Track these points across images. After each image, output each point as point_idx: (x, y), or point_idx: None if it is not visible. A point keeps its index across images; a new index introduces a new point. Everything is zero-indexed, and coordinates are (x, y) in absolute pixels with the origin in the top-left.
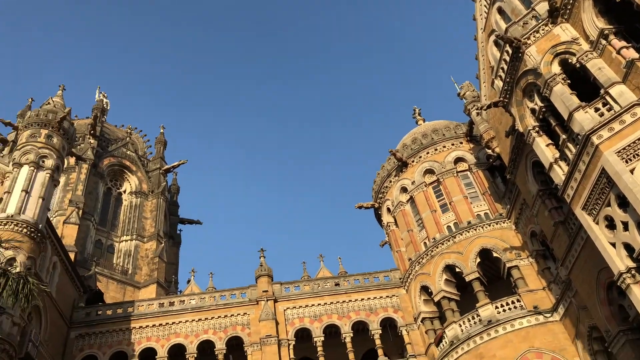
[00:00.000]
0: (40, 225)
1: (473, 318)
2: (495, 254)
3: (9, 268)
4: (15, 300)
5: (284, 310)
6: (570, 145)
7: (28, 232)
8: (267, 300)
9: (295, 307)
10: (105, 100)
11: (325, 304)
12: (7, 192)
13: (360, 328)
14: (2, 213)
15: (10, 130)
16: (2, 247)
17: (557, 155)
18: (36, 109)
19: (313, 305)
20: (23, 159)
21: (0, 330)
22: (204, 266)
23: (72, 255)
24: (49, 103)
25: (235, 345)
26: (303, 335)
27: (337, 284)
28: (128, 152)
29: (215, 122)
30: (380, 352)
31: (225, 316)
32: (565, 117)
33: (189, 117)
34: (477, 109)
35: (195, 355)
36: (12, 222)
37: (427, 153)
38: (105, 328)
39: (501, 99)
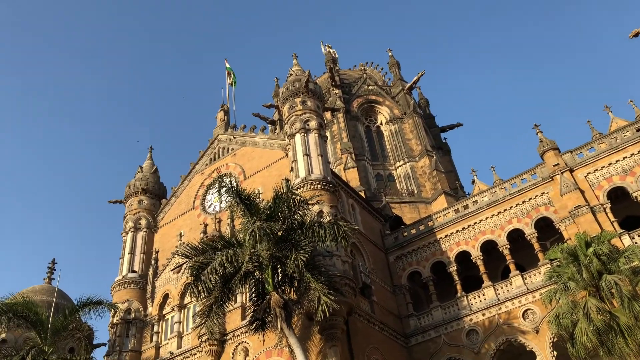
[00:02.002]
0: (328, 177)
1: None
2: None
3: (321, 220)
4: (336, 243)
5: (585, 176)
6: None
7: (322, 187)
8: (562, 172)
9: (596, 170)
10: (331, 50)
11: (632, 154)
12: (294, 161)
13: None
14: (297, 179)
15: (273, 111)
16: (309, 205)
17: None
18: (284, 84)
19: (617, 161)
20: (293, 129)
21: (336, 269)
22: (481, 164)
23: (362, 194)
24: (290, 74)
25: (545, 227)
26: (617, 194)
27: (639, 130)
28: (369, 87)
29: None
30: None
31: (524, 202)
32: None
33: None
34: None
35: (508, 246)
36: (307, 183)
37: None
38: (416, 245)
39: None
